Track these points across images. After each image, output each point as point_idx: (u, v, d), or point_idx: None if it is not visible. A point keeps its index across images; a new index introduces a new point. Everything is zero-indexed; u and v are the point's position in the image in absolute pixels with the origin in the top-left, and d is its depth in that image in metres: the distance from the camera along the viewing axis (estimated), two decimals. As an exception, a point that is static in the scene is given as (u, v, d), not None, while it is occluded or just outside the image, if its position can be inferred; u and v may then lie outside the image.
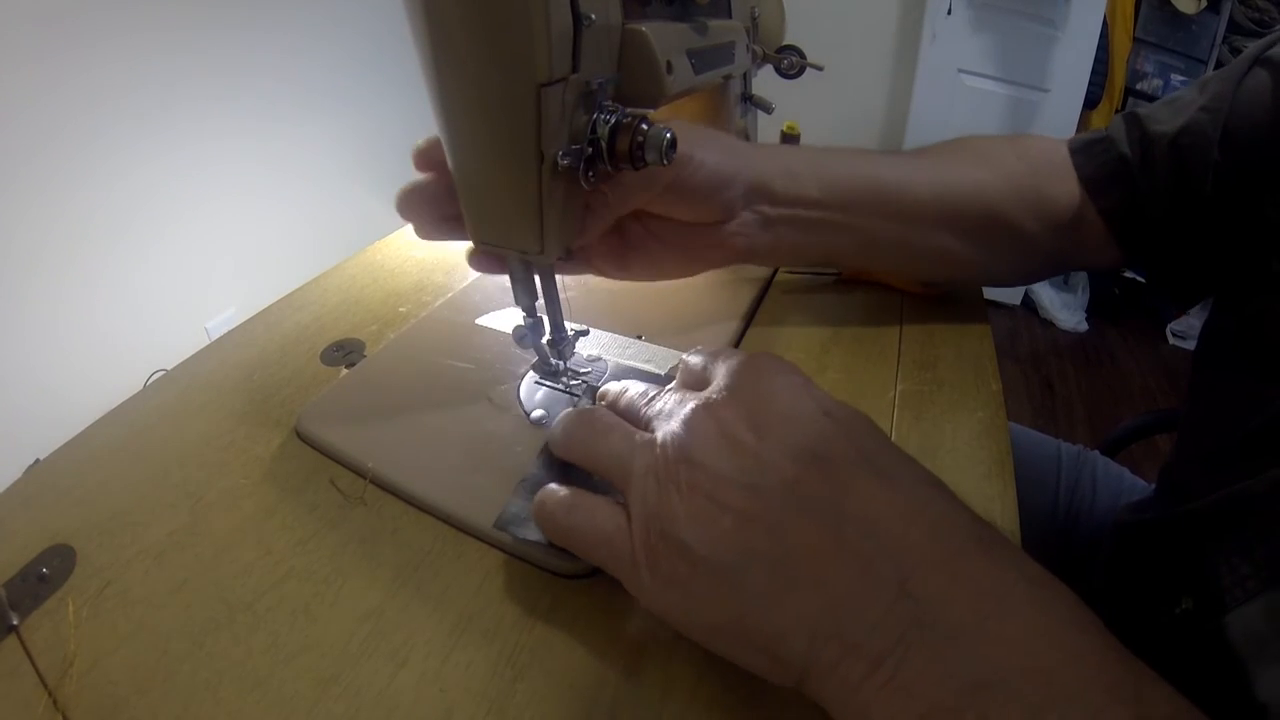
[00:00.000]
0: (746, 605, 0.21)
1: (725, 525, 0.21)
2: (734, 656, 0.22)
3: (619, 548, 0.24)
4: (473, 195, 0.31)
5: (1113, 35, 2.01)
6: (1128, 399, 1.90)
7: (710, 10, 0.42)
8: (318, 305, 0.48)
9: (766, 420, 0.23)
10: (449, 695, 0.24)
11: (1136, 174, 0.40)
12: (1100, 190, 0.41)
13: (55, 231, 1.18)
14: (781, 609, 0.21)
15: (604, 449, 0.26)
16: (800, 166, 0.40)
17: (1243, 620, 0.29)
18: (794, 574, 0.21)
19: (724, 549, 0.21)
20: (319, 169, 1.71)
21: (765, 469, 0.22)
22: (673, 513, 0.22)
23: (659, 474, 0.23)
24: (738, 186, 0.37)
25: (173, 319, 1.41)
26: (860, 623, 0.20)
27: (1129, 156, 0.41)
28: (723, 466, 0.22)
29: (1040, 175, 0.42)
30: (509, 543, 0.29)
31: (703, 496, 0.22)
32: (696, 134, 0.36)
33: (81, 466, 0.34)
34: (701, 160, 0.35)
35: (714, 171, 0.36)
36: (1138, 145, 0.40)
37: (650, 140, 0.29)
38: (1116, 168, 0.41)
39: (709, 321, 0.46)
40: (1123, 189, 0.41)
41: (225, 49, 1.41)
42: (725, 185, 0.37)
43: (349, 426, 0.35)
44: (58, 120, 1.15)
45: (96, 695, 0.24)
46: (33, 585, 0.27)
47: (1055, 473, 0.58)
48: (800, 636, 0.20)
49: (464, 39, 0.26)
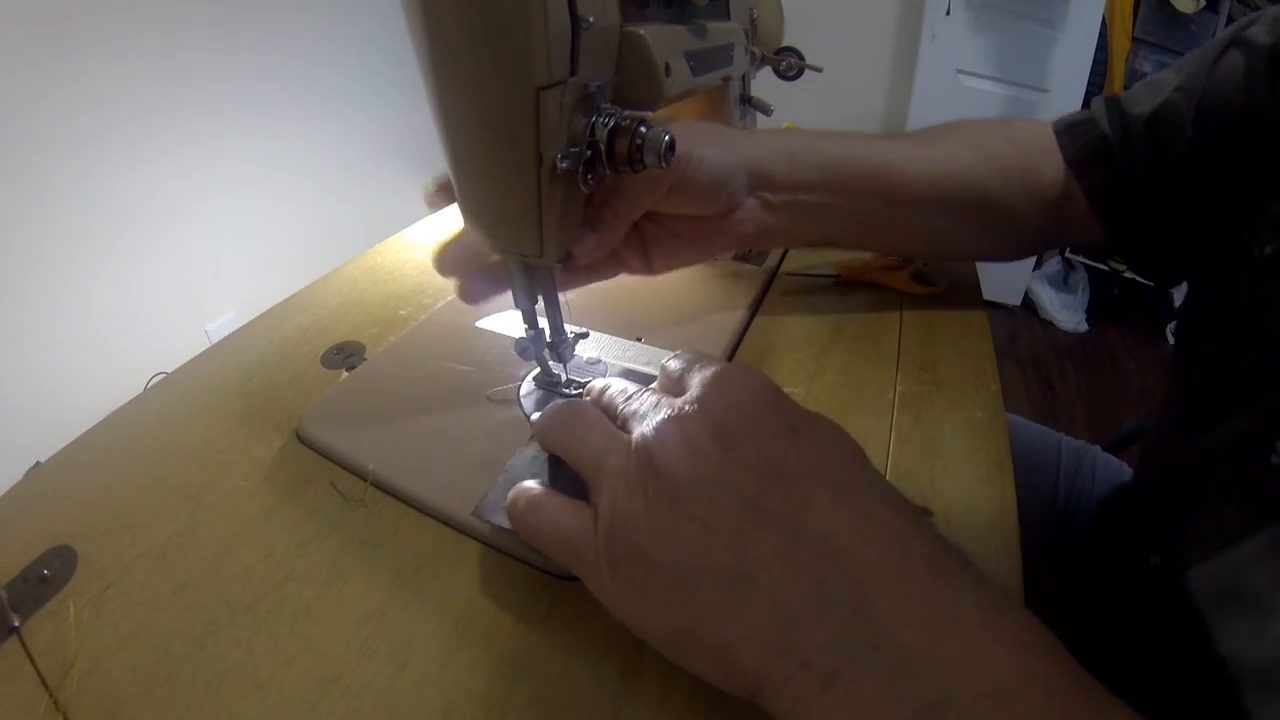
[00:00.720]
0: (700, 614, 0.21)
1: (685, 534, 0.22)
2: (688, 665, 0.23)
3: (581, 549, 0.24)
4: (472, 199, 0.31)
5: (1112, 35, 2.01)
6: (1128, 399, 1.90)
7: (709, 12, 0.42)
8: (318, 308, 0.48)
9: (733, 433, 0.23)
10: (449, 697, 0.24)
11: (1117, 153, 0.42)
12: (1083, 169, 0.43)
13: (55, 233, 1.19)
14: (734, 621, 0.21)
15: (582, 445, 0.26)
16: (799, 150, 0.41)
17: (1204, 576, 0.30)
18: (748, 587, 0.21)
19: (682, 557, 0.22)
20: (319, 171, 1.71)
21: (727, 482, 0.22)
22: (636, 517, 0.23)
23: (628, 477, 0.23)
24: (739, 178, 0.38)
25: (173, 322, 1.41)
26: (813, 640, 0.20)
27: (1110, 136, 0.42)
28: (686, 476, 0.22)
29: (1028, 157, 0.44)
30: (509, 544, 0.29)
31: (666, 504, 0.22)
32: (695, 131, 0.36)
33: (82, 469, 0.34)
34: (701, 157, 0.36)
35: (716, 167, 0.37)
36: (1118, 125, 0.42)
37: (649, 142, 0.29)
38: (1099, 147, 0.43)
39: (709, 323, 0.46)
40: (1104, 168, 0.42)
41: (226, 51, 1.41)
42: (728, 179, 0.38)
43: (349, 429, 0.35)
44: (57, 121, 1.16)
45: (98, 696, 0.24)
46: (34, 587, 0.28)
47: (1055, 462, 0.59)
48: (752, 650, 0.20)
49: (462, 42, 0.26)
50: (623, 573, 0.23)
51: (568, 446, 0.27)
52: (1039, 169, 0.43)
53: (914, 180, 0.42)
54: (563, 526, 0.25)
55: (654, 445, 0.23)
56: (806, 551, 0.21)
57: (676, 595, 0.22)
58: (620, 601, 0.23)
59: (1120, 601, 0.34)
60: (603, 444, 0.25)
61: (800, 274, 0.54)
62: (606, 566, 0.23)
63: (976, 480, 0.35)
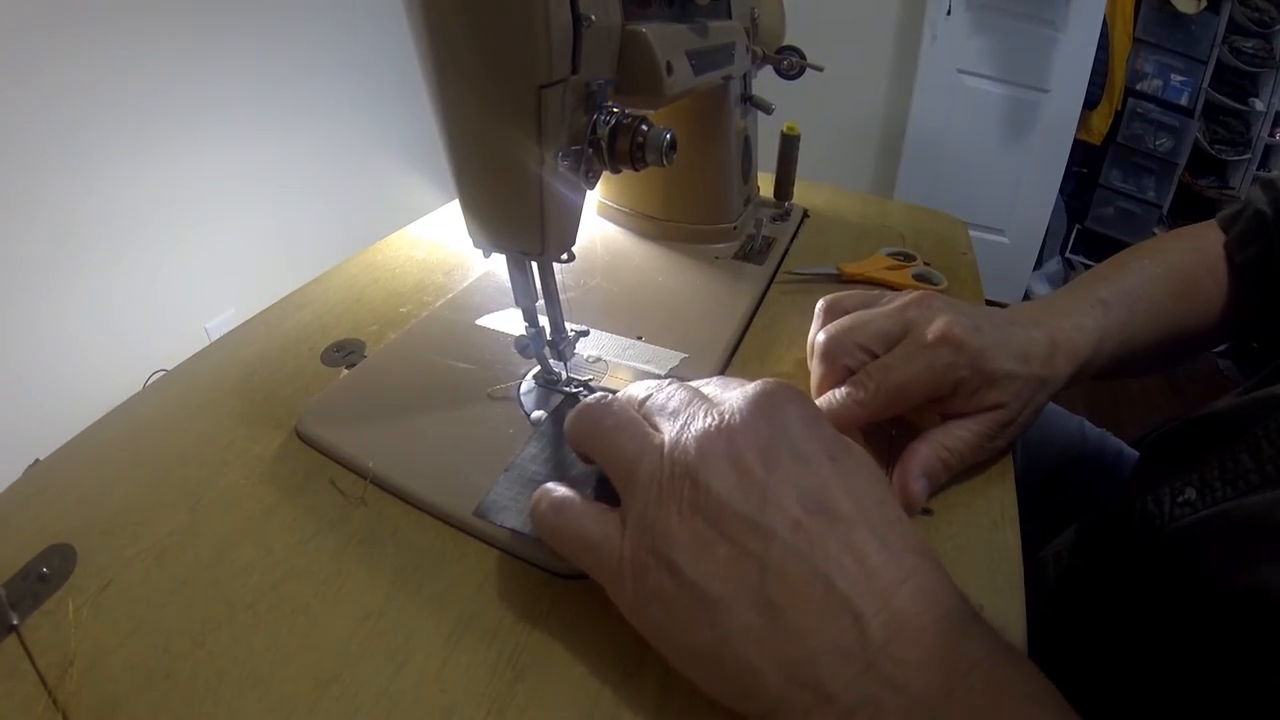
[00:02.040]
0: (727, 637, 0.21)
1: (719, 554, 0.22)
2: (702, 683, 0.23)
3: (605, 555, 0.24)
4: (473, 196, 0.31)
5: (1113, 35, 2.01)
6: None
7: (710, 11, 0.42)
8: (318, 305, 0.48)
9: (777, 455, 0.23)
10: (449, 695, 0.24)
11: (1272, 229, 0.41)
12: (1240, 245, 0.42)
13: (55, 231, 1.18)
14: (761, 649, 0.21)
15: (611, 445, 0.26)
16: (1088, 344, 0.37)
17: (1239, 511, 0.30)
18: (779, 619, 0.21)
19: (714, 578, 0.21)
20: (320, 169, 1.70)
21: (769, 507, 0.22)
22: (669, 530, 0.22)
23: (662, 484, 0.23)
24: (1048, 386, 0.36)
25: (173, 319, 1.41)
26: (838, 676, 0.20)
27: (1266, 214, 0.42)
28: (728, 494, 0.22)
29: (1222, 289, 0.43)
30: (509, 543, 0.29)
31: (702, 520, 0.22)
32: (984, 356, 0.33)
33: (82, 466, 0.34)
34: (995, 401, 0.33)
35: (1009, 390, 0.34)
36: (1274, 204, 0.42)
37: (650, 141, 0.29)
38: (1254, 224, 0.42)
39: (710, 321, 0.46)
40: (1260, 243, 0.42)
41: (227, 51, 1.41)
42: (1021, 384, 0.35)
43: (349, 427, 0.35)
44: (57, 121, 1.15)
45: (97, 694, 0.24)
46: (33, 584, 0.27)
47: (1080, 424, 0.59)
48: (776, 678, 0.21)
49: (464, 40, 0.26)
50: (648, 583, 0.22)
51: (596, 447, 0.26)
52: (1231, 294, 0.43)
53: None
54: (587, 530, 0.24)
55: (695, 454, 0.23)
56: (840, 591, 0.21)
57: (703, 615, 0.22)
58: (642, 613, 0.23)
59: (1146, 535, 0.34)
60: (634, 446, 0.25)
61: (801, 272, 0.54)
62: (631, 575, 0.23)
63: (979, 483, 0.35)
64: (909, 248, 0.57)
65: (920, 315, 0.35)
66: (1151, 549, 0.33)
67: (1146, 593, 0.33)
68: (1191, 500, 0.32)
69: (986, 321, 0.34)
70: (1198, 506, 0.32)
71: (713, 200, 0.56)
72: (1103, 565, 0.38)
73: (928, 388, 0.33)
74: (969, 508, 0.33)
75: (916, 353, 0.33)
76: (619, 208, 0.59)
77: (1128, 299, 0.39)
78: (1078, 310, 0.37)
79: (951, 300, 0.36)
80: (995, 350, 0.33)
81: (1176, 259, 0.42)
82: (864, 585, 0.21)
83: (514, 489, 0.30)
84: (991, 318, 0.35)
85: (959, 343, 0.32)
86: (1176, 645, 0.19)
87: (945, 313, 0.34)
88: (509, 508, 0.29)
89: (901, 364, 0.33)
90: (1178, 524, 0.32)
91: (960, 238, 0.64)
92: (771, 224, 0.61)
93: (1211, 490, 0.32)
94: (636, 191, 0.58)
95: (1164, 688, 0.30)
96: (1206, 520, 0.31)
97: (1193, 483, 0.33)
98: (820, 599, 0.21)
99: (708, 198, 0.56)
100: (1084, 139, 2.14)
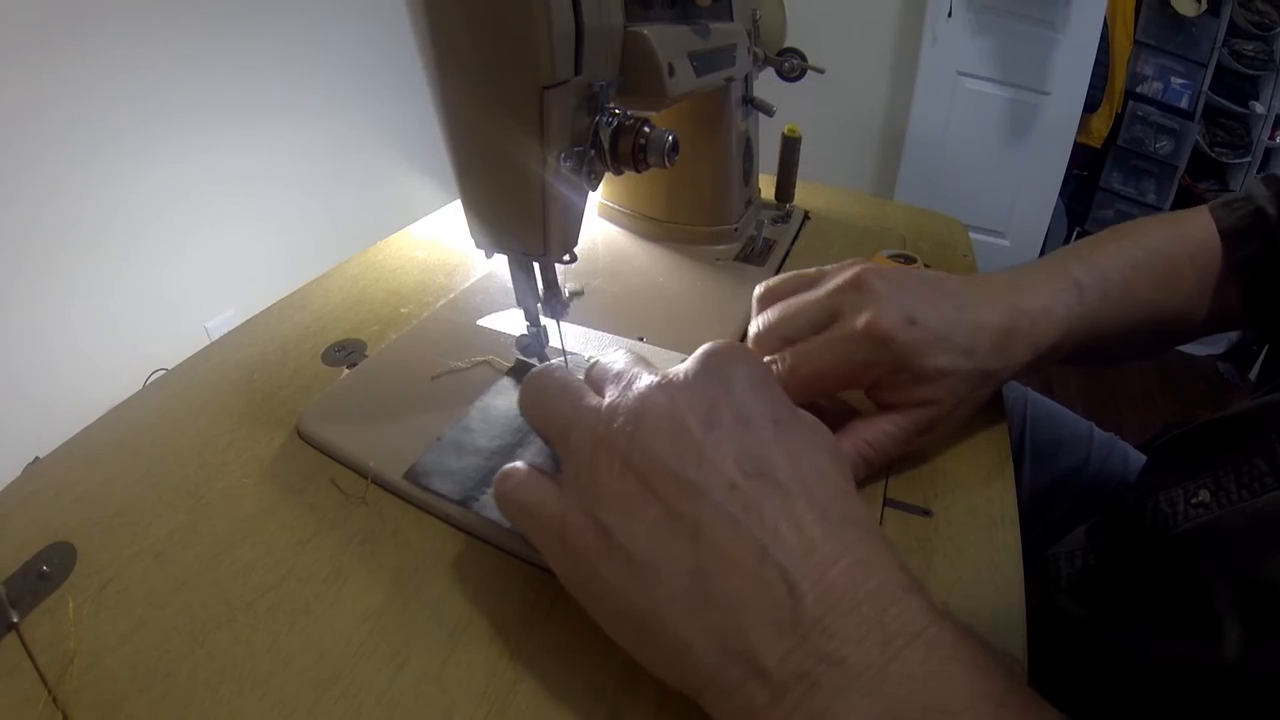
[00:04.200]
0: (656, 605, 0.20)
1: (650, 515, 0.21)
2: (635, 653, 0.22)
3: (540, 517, 0.23)
4: (475, 197, 0.31)
5: (1113, 38, 2.01)
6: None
7: (712, 13, 0.42)
8: (319, 305, 0.48)
9: (719, 414, 0.22)
10: (449, 696, 0.24)
11: (1274, 227, 0.40)
12: (1238, 241, 0.41)
13: (55, 230, 1.18)
14: (692, 619, 0.20)
15: (551, 409, 0.25)
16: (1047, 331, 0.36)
17: (1255, 509, 0.30)
18: (712, 588, 0.20)
19: (644, 542, 0.21)
20: (321, 169, 1.71)
21: (705, 467, 0.21)
22: (601, 489, 0.22)
23: (598, 443, 0.22)
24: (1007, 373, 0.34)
25: (173, 318, 1.41)
26: (772, 651, 0.19)
27: (1268, 211, 0.40)
28: (662, 450, 0.21)
29: (1208, 277, 0.41)
30: (509, 543, 0.29)
31: (633, 480, 0.21)
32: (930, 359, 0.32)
33: (82, 465, 0.34)
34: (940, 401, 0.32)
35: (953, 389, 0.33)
36: (1275, 201, 0.40)
37: (652, 143, 0.29)
38: (1254, 220, 0.41)
39: (709, 322, 0.46)
40: (1260, 240, 0.40)
41: (228, 51, 1.41)
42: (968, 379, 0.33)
43: (350, 426, 0.35)
44: (58, 120, 1.16)
45: (96, 693, 0.24)
46: (33, 583, 0.27)
47: (1090, 427, 0.58)
48: (709, 651, 0.20)
49: (467, 42, 0.26)
50: (577, 545, 0.22)
51: (536, 415, 0.26)
52: (1214, 283, 0.41)
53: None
54: (524, 496, 0.24)
55: (634, 407, 0.22)
56: (774, 562, 0.20)
57: (633, 581, 0.21)
58: (573, 577, 0.23)
59: (1159, 534, 0.34)
60: (569, 409, 0.24)
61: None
62: (560, 537, 0.22)
63: (978, 483, 0.35)
64: (909, 250, 0.57)
65: (850, 302, 0.32)
66: (1164, 546, 0.33)
67: (1158, 588, 0.33)
68: (1205, 502, 0.32)
69: (929, 308, 0.32)
70: (1212, 508, 0.32)
71: (714, 202, 0.56)
72: (1114, 562, 0.38)
73: (841, 381, 0.32)
74: (969, 507, 0.33)
75: (834, 344, 0.32)
76: (620, 209, 0.59)
77: (1103, 282, 0.37)
78: (1048, 292, 0.35)
79: (895, 279, 0.33)
80: (929, 345, 0.31)
81: (1158, 243, 0.41)
82: (800, 556, 0.20)
83: (445, 455, 0.32)
84: (939, 302, 0.32)
85: (883, 338, 0.30)
86: (1186, 639, 0.19)
87: (876, 303, 0.31)
88: (438, 473, 0.31)
89: (816, 354, 0.32)
90: (1191, 524, 0.33)
91: (960, 240, 0.64)
92: (772, 226, 0.61)
93: (1226, 493, 0.32)
94: (638, 193, 0.58)
95: (1173, 683, 0.30)
96: (1221, 519, 0.31)
97: (1206, 485, 0.33)
98: (754, 568, 0.20)
99: (709, 199, 0.56)
100: (1084, 142, 2.14)
